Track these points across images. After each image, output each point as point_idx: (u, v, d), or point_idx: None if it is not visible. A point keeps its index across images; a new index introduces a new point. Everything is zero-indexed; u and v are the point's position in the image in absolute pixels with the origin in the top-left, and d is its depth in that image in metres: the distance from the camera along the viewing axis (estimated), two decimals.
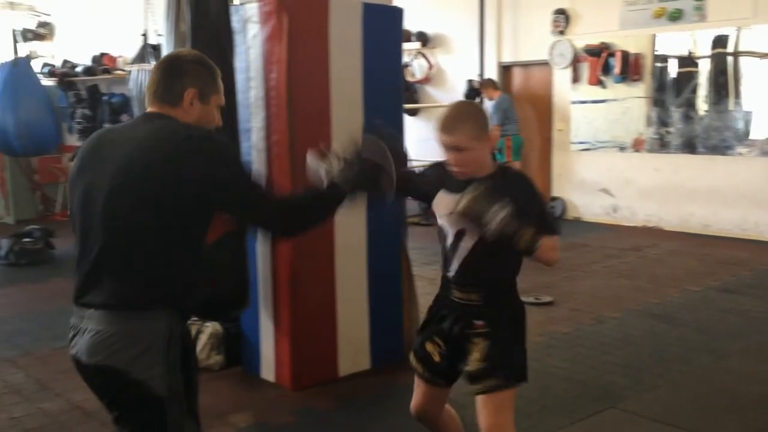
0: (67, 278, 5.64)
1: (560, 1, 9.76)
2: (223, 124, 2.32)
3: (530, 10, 10.09)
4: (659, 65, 9.12)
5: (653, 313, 5.60)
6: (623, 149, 9.47)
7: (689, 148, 8.87)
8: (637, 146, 9.34)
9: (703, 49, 8.72)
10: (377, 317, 4.36)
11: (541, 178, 10.14)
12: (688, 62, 8.87)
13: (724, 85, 8.56)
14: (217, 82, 2.25)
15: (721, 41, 8.53)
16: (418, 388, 2.71)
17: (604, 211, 9.72)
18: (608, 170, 9.64)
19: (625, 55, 9.22)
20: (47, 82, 11.56)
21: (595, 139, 9.73)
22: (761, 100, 8.32)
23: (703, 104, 8.80)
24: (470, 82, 10.57)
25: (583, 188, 9.91)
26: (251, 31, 4.10)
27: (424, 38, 11.16)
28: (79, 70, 11.85)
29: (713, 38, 8.57)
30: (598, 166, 9.75)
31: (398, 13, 4.45)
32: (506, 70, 10.71)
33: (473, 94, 10.28)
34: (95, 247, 2.06)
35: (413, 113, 10.92)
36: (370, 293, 4.33)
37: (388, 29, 4.38)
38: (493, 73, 10.53)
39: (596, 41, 9.48)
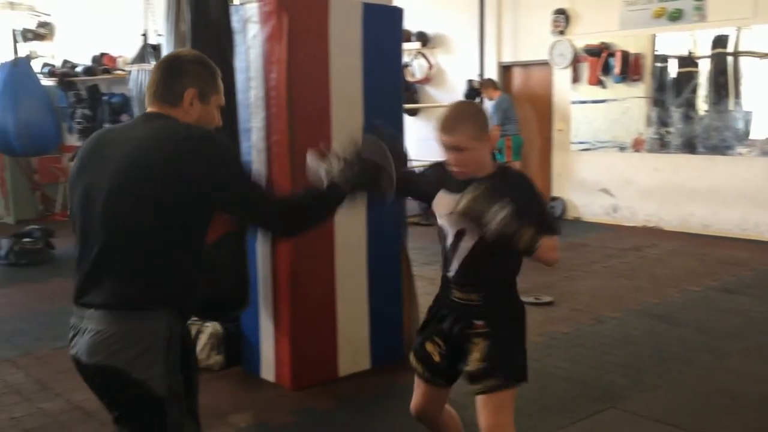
0: (67, 278, 5.63)
1: (560, 1, 9.76)
2: (223, 124, 2.32)
3: (530, 10, 10.09)
4: (659, 65, 9.12)
5: (653, 313, 5.60)
6: (623, 149, 9.47)
7: (689, 148, 8.87)
8: (637, 146, 9.34)
9: (703, 49, 8.71)
10: (377, 317, 4.36)
11: (541, 178, 10.14)
12: (688, 62, 8.87)
13: (724, 85, 8.56)
14: (217, 82, 2.25)
15: (721, 41, 8.53)
16: (418, 388, 2.71)
17: (604, 211, 9.72)
18: (608, 170, 9.64)
19: (625, 55, 9.21)
20: (47, 82, 11.56)
21: (595, 139, 9.74)
22: (761, 100, 8.32)
23: (703, 104, 8.80)
24: (470, 82, 10.57)
25: (583, 188, 9.91)
26: (251, 31, 4.10)
27: (424, 38, 11.16)
28: (79, 70, 11.86)
29: (713, 38, 8.57)
30: (598, 166, 9.75)
31: (398, 13, 4.46)
32: (506, 70, 10.71)
33: (473, 94, 10.28)
34: (95, 247, 2.06)
35: (413, 113, 10.92)
36: (370, 293, 4.33)
37: (388, 29, 4.38)
38: (493, 73, 10.53)
39: (596, 41, 9.48)
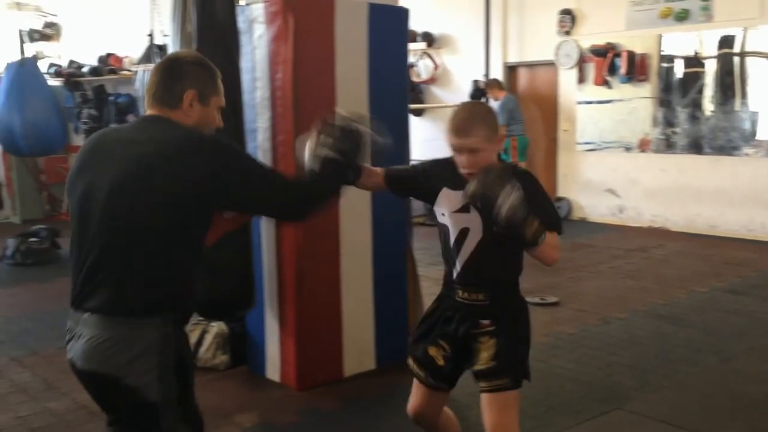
0: None
1: (566, 1, 9.75)
2: (229, 124, 2.32)
3: (536, 10, 10.08)
4: (665, 65, 9.10)
5: (659, 313, 5.59)
6: (629, 150, 9.45)
7: (695, 148, 8.85)
8: (643, 147, 9.32)
9: (709, 49, 8.69)
10: (382, 317, 4.36)
11: (546, 178, 10.12)
12: (694, 62, 8.85)
13: (730, 85, 8.53)
14: (216, 83, 2.24)
15: (727, 41, 8.50)
16: (416, 391, 2.69)
17: (609, 211, 9.70)
18: (614, 171, 9.62)
19: (631, 55, 9.20)
20: (54, 82, 11.60)
21: (600, 139, 9.72)
22: None
23: (709, 105, 8.78)
24: (476, 82, 10.56)
25: (588, 189, 9.89)
26: (257, 31, 4.11)
27: (429, 38, 11.15)
28: (85, 70, 11.90)
29: (720, 38, 8.55)
30: (603, 166, 9.73)
31: (404, 13, 4.45)
32: (512, 70, 10.70)
33: (479, 94, 10.27)
34: (95, 247, 2.06)
35: (419, 113, 10.92)
36: (375, 293, 4.33)
37: (393, 29, 4.38)
38: (498, 73, 10.52)
39: (602, 41, 9.46)
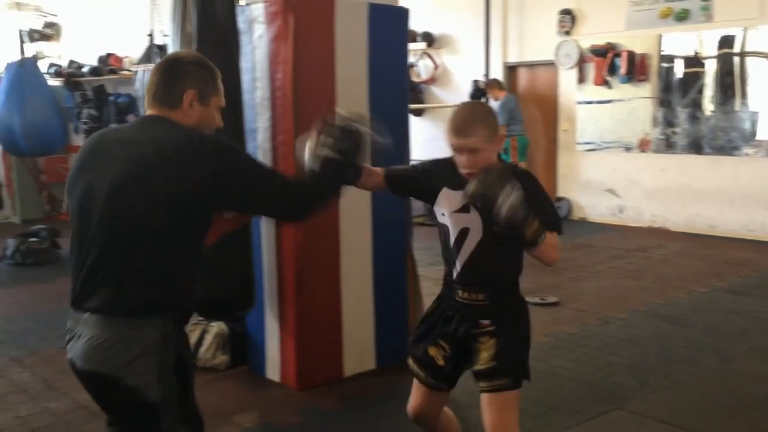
0: None
1: (566, 1, 9.75)
2: (229, 124, 2.32)
3: (536, 10, 10.08)
4: (665, 65, 9.10)
5: (659, 313, 5.59)
6: (629, 150, 9.45)
7: (695, 148, 8.85)
8: (643, 147, 9.32)
9: (709, 49, 8.69)
10: (382, 317, 4.36)
11: (546, 178, 10.12)
12: (694, 62, 8.85)
13: (730, 85, 8.53)
14: (216, 83, 2.24)
15: (727, 41, 8.51)
16: (417, 391, 2.69)
17: (609, 211, 9.70)
18: (614, 171, 9.62)
19: (631, 55, 9.20)
20: (54, 82, 11.60)
21: (600, 139, 9.72)
22: None
23: (709, 105, 8.78)
24: (476, 82, 10.56)
25: (588, 189, 9.89)
26: (257, 31, 4.11)
27: (429, 38, 11.15)
28: (85, 70, 11.89)
29: (720, 38, 8.55)
30: (603, 166, 9.74)
31: (404, 13, 4.45)
32: (512, 70, 10.70)
33: (479, 94, 10.27)
34: (95, 247, 2.06)
35: (419, 113, 10.92)
36: (375, 293, 4.33)
37: (393, 29, 4.38)
38: (498, 73, 10.52)
39: (602, 41, 9.46)
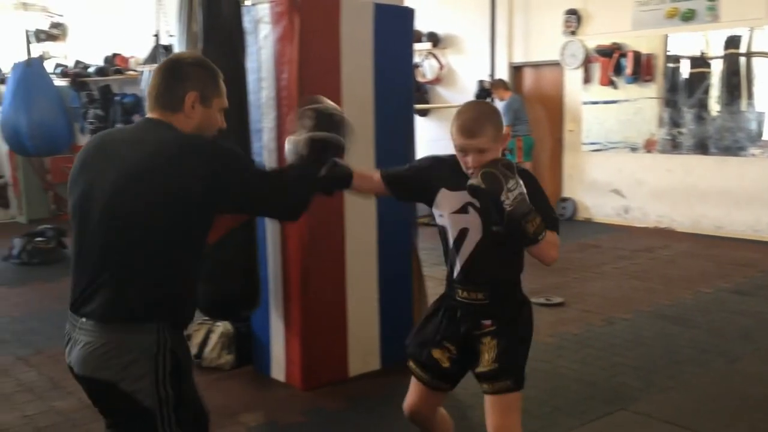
0: None
1: (572, 1, 9.74)
2: (234, 124, 2.32)
3: (541, 10, 10.07)
4: (671, 66, 9.08)
5: (664, 314, 5.58)
6: (635, 150, 9.43)
7: (702, 149, 8.82)
8: (649, 147, 9.30)
9: (715, 49, 8.67)
10: (387, 317, 4.36)
11: (552, 178, 10.12)
12: (700, 63, 8.82)
13: (736, 85, 8.51)
14: (218, 84, 2.23)
15: (733, 42, 8.48)
16: (415, 389, 2.69)
17: (615, 212, 9.69)
18: (620, 171, 9.60)
19: (636, 55, 9.18)
20: (60, 82, 11.61)
21: (606, 139, 9.70)
22: None
23: (715, 105, 8.75)
24: (481, 82, 10.55)
25: (594, 189, 9.88)
26: (263, 31, 4.11)
27: (435, 39, 11.15)
28: (91, 70, 11.91)
29: (726, 39, 8.52)
30: (609, 166, 9.72)
31: (409, 13, 4.45)
32: (517, 70, 10.69)
33: (484, 94, 10.26)
34: (95, 247, 2.06)
35: (424, 114, 10.91)
36: (380, 293, 4.34)
37: (399, 30, 4.38)
38: (504, 73, 10.51)
39: (608, 41, 9.44)
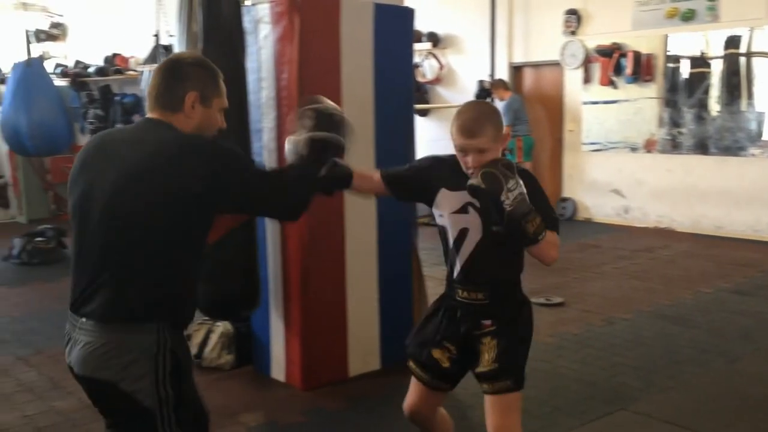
0: None
1: (572, 1, 9.74)
2: (234, 124, 2.32)
3: (541, 10, 10.07)
4: (671, 66, 9.08)
5: (665, 314, 5.58)
6: (635, 150, 9.43)
7: (702, 149, 8.82)
8: (649, 147, 9.30)
9: (715, 49, 8.67)
10: (388, 317, 4.36)
11: (552, 178, 10.12)
12: (700, 63, 8.82)
13: (736, 85, 8.51)
14: (218, 84, 2.23)
15: (733, 42, 8.48)
16: (415, 389, 2.69)
17: (615, 212, 9.69)
18: (620, 171, 9.60)
19: (636, 55, 9.18)
20: (60, 82, 11.61)
21: (606, 139, 9.70)
22: None
23: (715, 105, 8.75)
24: (481, 82, 10.55)
25: (594, 189, 9.88)
26: (263, 31, 4.11)
27: (435, 39, 11.15)
28: (91, 70, 11.91)
29: (726, 39, 8.52)
30: (609, 166, 9.72)
31: (409, 13, 4.46)
32: (517, 70, 10.69)
33: (484, 94, 10.27)
34: (95, 247, 2.06)
35: (424, 114, 10.91)
36: (380, 293, 4.34)
37: (399, 30, 4.38)
38: (504, 73, 10.51)
39: (608, 41, 9.44)
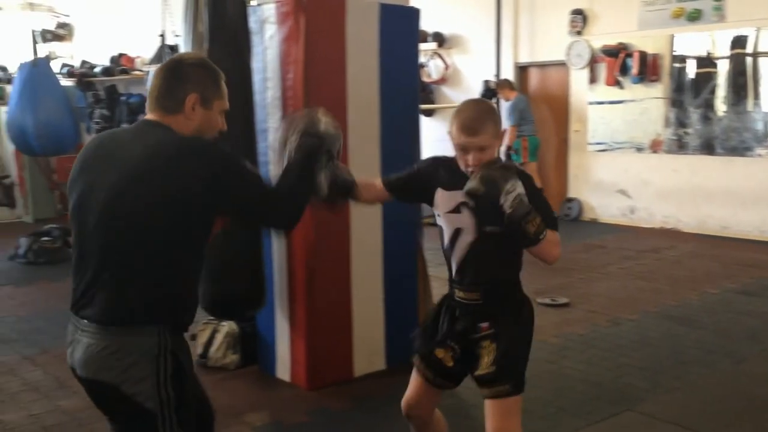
0: None
1: (578, 1, 9.72)
2: (240, 124, 2.31)
3: (547, 10, 10.05)
4: (677, 66, 9.05)
5: (670, 315, 5.56)
6: (641, 150, 9.41)
7: (708, 149, 8.80)
8: (654, 147, 9.28)
9: (721, 49, 8.64)
10: (393, 317, 4.36)
11: (557, 178, 10.11)
12: (706, 63, 8.80)
13: (743, 85, 8.48)
14: (220, 86, 2.21)
15: (740, 42, 8.45)
16: (415, 387, 2.68)
17: (621, 212, 9.67)
18: (625, 171, 9.58)
19: (642, 55, 9.16)
20: (66, 82, 11.65)
21: (612, 139, 9.68)
22: None
23: (721, 105, 8.73)
24: (486, 82, 10.55)
25: (600, 189, 9.86)
26: (268, 31, 4.11)
27: (440, 39, 11.14)
28: (97, 70, 11.96)
29: (732, 39, 8.50)
30: (615, 167, 9.70)
31: (415, 13, 4.45)
32: (523, 70, 10.67)
33: (489, 94, 10.26)
34: (95, 247, 2.06)
35: (429, 114, 10.92)
36: (385, 293, 4.33)
37: (404, 30, 4.38)
38: (509, 73, 10.50)
39: (614, 41, 9.42)
